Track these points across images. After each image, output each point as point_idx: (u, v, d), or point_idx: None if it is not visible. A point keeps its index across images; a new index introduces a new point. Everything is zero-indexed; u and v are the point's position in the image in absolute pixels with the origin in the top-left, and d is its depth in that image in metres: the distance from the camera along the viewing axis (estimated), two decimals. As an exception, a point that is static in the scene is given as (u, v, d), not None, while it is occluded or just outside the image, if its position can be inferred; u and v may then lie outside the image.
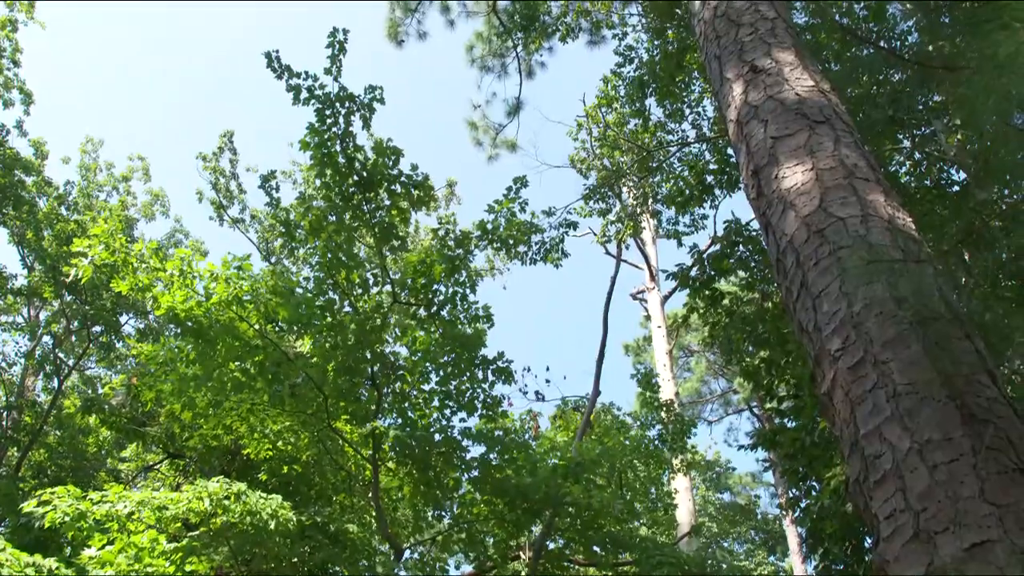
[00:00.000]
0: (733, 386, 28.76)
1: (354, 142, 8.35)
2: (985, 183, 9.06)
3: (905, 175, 11.12)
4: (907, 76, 9.13)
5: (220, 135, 22.63)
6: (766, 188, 4.48)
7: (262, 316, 8.77)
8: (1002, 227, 8.98)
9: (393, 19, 15.06)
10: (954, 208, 9.38)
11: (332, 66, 8.36)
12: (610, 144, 13.35)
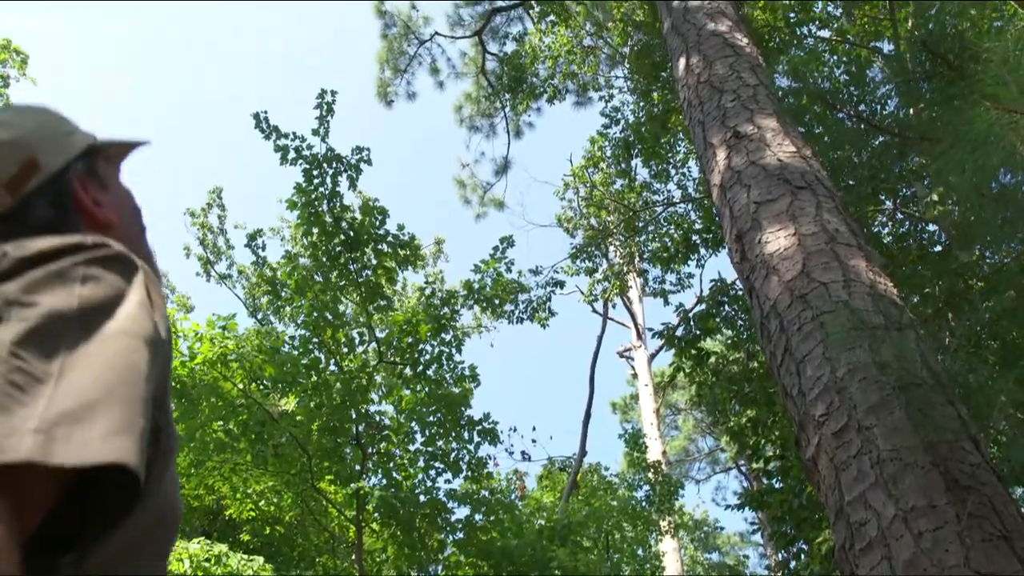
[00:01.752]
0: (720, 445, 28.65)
1: (341, 202, 8.42)
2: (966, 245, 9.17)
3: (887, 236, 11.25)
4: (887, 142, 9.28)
5: (209, 191, 22.72)
6: (749, 252, 4.53)
7: (247, 375, 8.72)
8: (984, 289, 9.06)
9: (383, 79, 15.27)
10: (936, 270, 9.47)
11: (320, 127, 8.46)
12: (596, 204, 13.49)
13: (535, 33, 14.18)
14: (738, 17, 6.74)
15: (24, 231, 1.02)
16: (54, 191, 1.11)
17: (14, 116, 1.15)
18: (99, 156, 1.23)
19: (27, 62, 19.26)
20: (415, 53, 15.21)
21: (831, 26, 12.34)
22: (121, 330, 0.86)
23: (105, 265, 0.92)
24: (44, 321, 0.81)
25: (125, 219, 1.20)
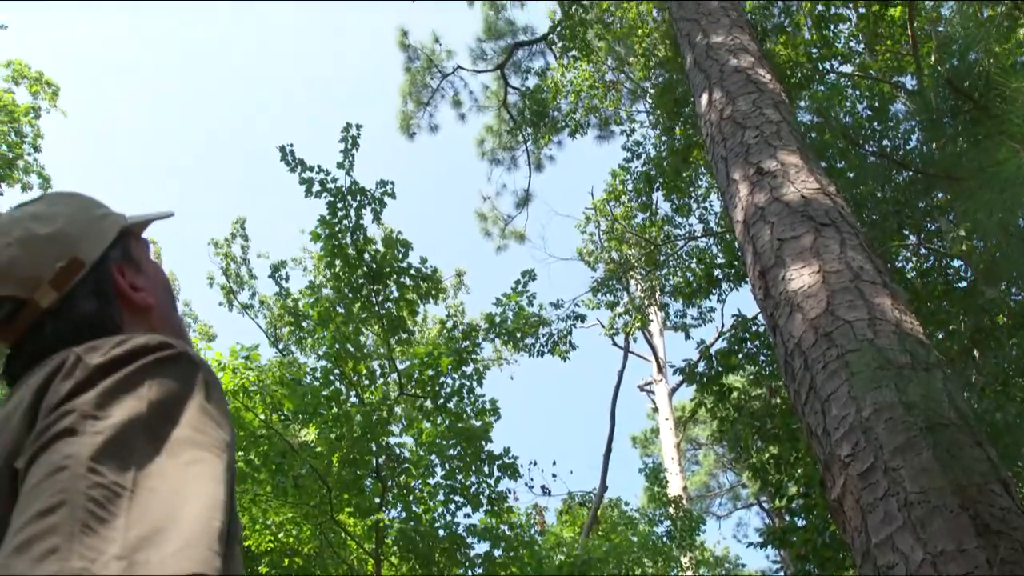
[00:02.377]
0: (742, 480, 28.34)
1: (364, 234, 8.47)
2: (992, 281, 9.08)
3: (912, 271, 11.17)
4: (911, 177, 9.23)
5: (233, 222, 22.94)
6: (773, 289, 4.51)
7: (268, 406, 8.74)
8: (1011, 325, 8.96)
9: (405, 112, 15.42)
10: (962, 306, 9.38)
11: (345, 160, 8.54)
12: (618, 237, 13.50)
13: (557, 68, 14.29)
14: (760, 53, 6.75)
15: (69, 326, 1.09)
16: (95, 282, 1.15)
17: (48, 207, 1.19)
18: (131, 236, 1.27)
19: (58, 94, 19.68)
20: (438, 86, 15.36)
21: (853, 61, 12.36)
22: (187, 439, 0.89)
23: (169, 368, 0.96)
24: (117, 433, 0.85)
25: (160, 299, 1.24)
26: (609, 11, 13.64)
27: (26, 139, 19.17)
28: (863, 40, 12.13)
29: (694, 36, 6.90)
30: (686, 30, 7.15)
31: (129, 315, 1.17)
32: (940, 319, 9.60)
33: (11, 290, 1.10)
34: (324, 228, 8.42)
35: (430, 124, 15.25)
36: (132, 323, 1.17)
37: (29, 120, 19.13)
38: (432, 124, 15.26)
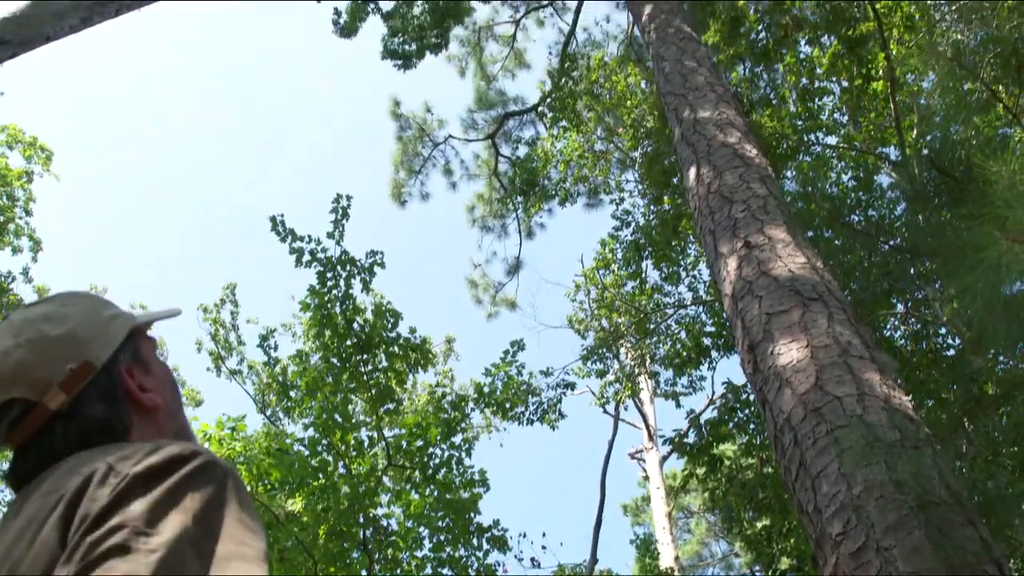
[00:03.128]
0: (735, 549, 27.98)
1: (354, 304, 8.49)
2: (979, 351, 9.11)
3: (900, 339, 11.21)
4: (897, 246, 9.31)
5: (223, 287, 22.90)
6: (762, 364, 4.52)
7: (254, 477, 8.63)
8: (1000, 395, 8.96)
9: (397, 180, 15.55)
10: (951, 375, 9.40)
11: (335, 230, 8.59)
12: (607, 305, 13.54)
13: (547, 138, 14.49)
14: (747, 128, 6.87)
15: (79, 429, 1.10)
16: (105, 384, 1.16)
17: (59, 308, 1.20)
18: (139, 336, 1.29)
19: (51, 158, 19.84)
20: (429, 155, 15.53)
21: (838, 132, 12.58)
22: (233, 554, 0.91)
23: (204, 478, 0.98)
24: (169, 551, 0.87)
25: (167, 399, 1.26)
26: (598, 83, 13.88)
27: (18, 203, 19.26)
28: (847, 112, 12.36)
29: (681, 111, 7.03)
30: (673, 104, 7.28)
31: (137, 416, 1.18)
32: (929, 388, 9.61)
33: (21, 392, 1.10)
34: (314, 298, 8.43)
35: (421, 192, 15.38)
36: (140, 424, 1.18)
37: (22, 184, 19.25)
38: (423, 192, 15.39)
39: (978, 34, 11.27)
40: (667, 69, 7.72)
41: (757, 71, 12.17)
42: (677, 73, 7.49)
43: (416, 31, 12.19)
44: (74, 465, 1.02)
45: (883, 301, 10.06)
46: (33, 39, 9.96)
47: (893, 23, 11.25)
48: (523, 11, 16.12)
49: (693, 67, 7.56)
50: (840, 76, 11.88)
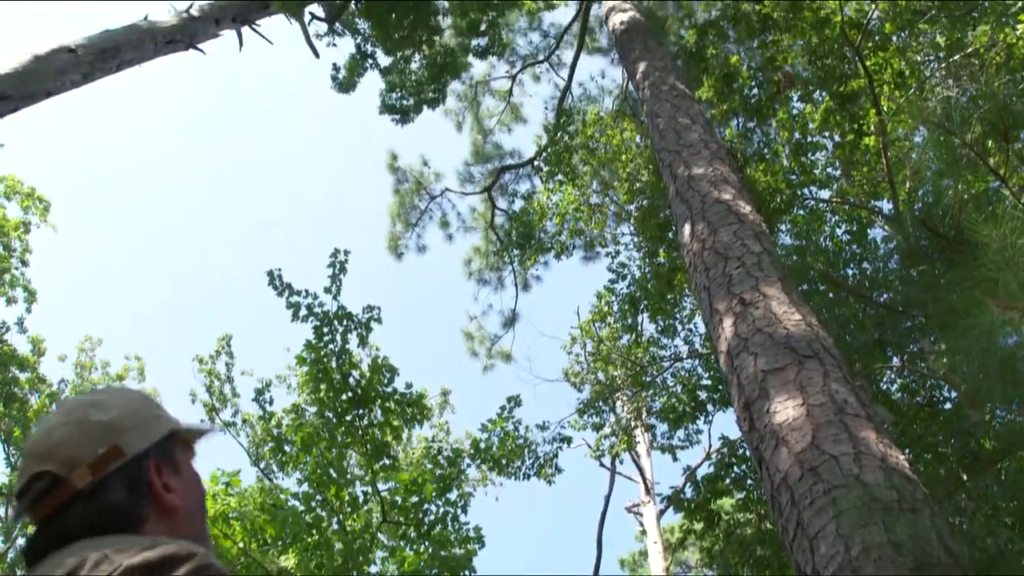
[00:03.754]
0: (734, 604, 27.55)
1: (350, 359, 8.48)
2: (976, 405, 9.10)
3: (897, 392, 11.20)
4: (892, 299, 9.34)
5: (219, 338, 22.84)
6: (758, 422, 4.51)
7: (248, 532, 8.54)
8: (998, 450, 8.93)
9: (394, 233, 15.64)
10: (948, 429, 9.37)
11: (332, 285, 8.63)
12: (603, 358, 13.55)
13: (543, 191, 14.61)
14: (741, 184, 6.94)
15: (97, 511, 1.14)
16: (130, 474, 1.21)
17: (108, 398, 1.27)
18: (178, 440, 1.34)
19: (49, 209, 19.95)
20: (426, 208, 15.64)
21: (831, 187, 12.70)
22: None
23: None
24: None
25: (189, 504, 1.29)
26: (594, 137, 14.04)
27: (14, 253, 19.31)
28: (840, 167, 12.50)
29: (676, 167, 7.11)
30: (668, 161, 7.36)
31: (155, 513, 1.21)
32: (927, 442, 9.58)
33: (52, 466, 1.15)
34: (310, 352, 8.43)
35: (418, 245, 15.46)
36: (157, 520, 1.21)
37: (19, 235, 19.32)
38: (420, 245, 15.47)
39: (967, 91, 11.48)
40: (661, 126, 7.82)
41: (750, 126, 12.33)
42: (671, 130, 7.59)
43: (414, 86, 12.36)
44: (77, 549, 1.05)
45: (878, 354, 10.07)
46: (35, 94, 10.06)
47: (884, 79, 11.44)
48: (519, 66, 16.36)
49: (687, 124, 7.66)
50: (832, 131, 12.05)
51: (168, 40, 11.17)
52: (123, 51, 10.73)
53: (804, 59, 11.92)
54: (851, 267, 11.97)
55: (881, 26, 11.55)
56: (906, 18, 11.45)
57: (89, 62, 10.27)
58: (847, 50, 11.30)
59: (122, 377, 22.52)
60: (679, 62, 11.70)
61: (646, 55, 9.68)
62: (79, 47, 10.19)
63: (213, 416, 22.49)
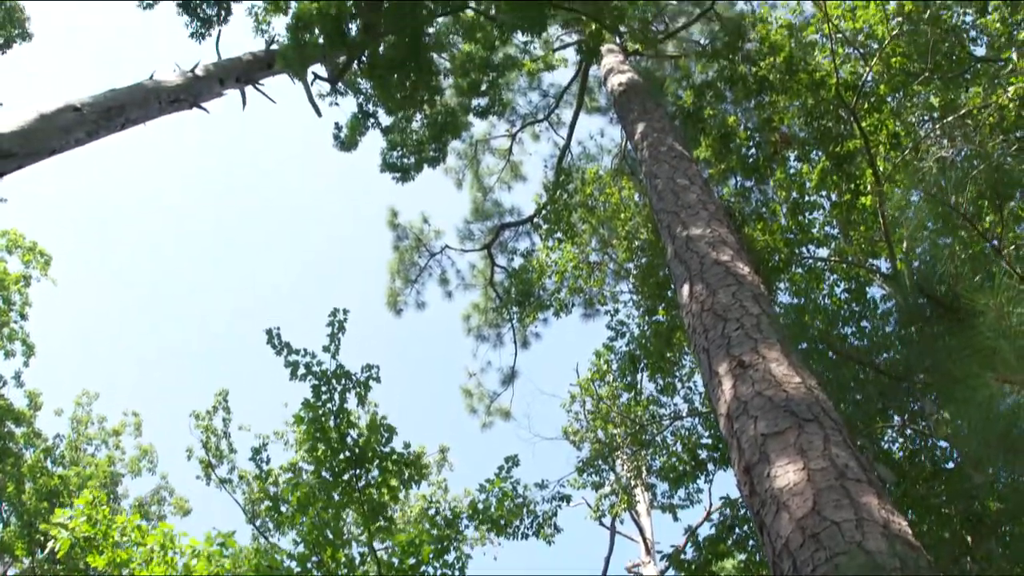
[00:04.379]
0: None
1: (348, 418, 8.44)
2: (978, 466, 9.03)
3: (898, 451, 11.12)
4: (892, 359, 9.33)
5: (216, 394, 22.74)
6: (759, 486, 4.48)
7: (242, 595, 8.40)
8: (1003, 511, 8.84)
9: (393, 289, 15.68)
10: (951, 490, 9.29)
11: (331, 344, 8.61)
12: (603, 417, 13.49)
13: (542, 248, 14.68)
14: (739, 245, 6.98)
15: None
16: None
17: None
18: None
19: (50, 263, 20.02)
20: (426, 265, 15.70)
21: (829, 245, 12.76)
22: None
23: None
24: None
25: None
26: (592, 195, 14.15)
27: (13, 307, 19.33)
28: (837, 226, 12.58)
29: (674, 228, 7.15)
30: (666, 222, 7.42)
31: None
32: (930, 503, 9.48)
33: None
34: (307, 411, 8.39)
35: (417, 301, 15.50)
36: None
37: (19, 288, 19.36)
38: (419, 301, 15.51)
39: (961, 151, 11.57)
40: (660, 187, 7.89)
41: (748, 185, 12.45)
42: (670, 191, 7.66)
43: (415, 145, 12.47)
44: None
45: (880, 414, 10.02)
46: (39, 152, 10.16)
47: (879, 140, 11.58)
48: (519, 125, 16.57)
49: (685, 185, 7.74)
50: (830, 191, 12.16)
51: (173, 99, 11.31)
52: (128, 110, 10.86)
53: (800, 120, 12.09)
54: (850, 325, 12.00)
55: (876, 88, 11.73)
56: (900, 80, 11.63)
57: (94, 120, 10.39)
58: (843, 111, 11.46)
59: (118, 432, 22.40)
60: (677, 122, 11.86)
61: (644, 116, 9.82)
62: (85, 106, 10.32)
63: (209, 472, 22.30)
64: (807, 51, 12.00)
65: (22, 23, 16.36)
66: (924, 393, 10.07)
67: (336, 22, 10.37)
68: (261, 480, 9.49)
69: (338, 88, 12.63)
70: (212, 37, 11.92)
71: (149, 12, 11.95)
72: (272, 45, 12.45)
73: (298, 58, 10.56)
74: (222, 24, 11.98)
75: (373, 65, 11.36)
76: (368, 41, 11.10)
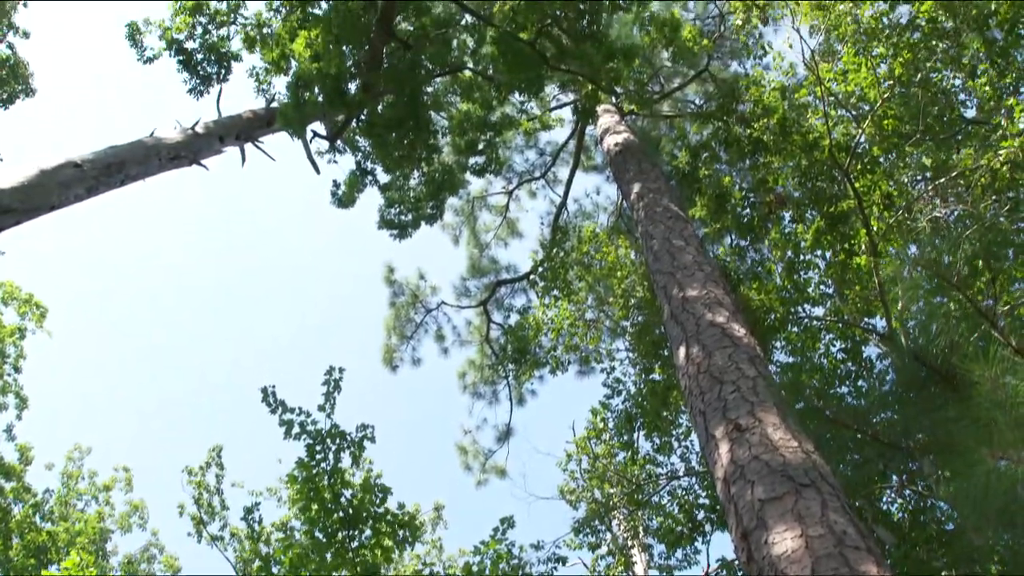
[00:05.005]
0: None
1: (342, 478, 8.37)
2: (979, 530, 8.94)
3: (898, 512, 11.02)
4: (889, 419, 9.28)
5: (209, 449, 22.53)
6: (756, 553, 4.43)
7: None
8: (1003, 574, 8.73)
9: (389, 345, 15.66)
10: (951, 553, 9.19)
11: (326, 403, 8.59)
12: (599, 476, 13.38)
13: (538, 306, 14.70)
14: (735, 306, 7.00)
15: None
16: None
17: None
18: None
19: (46, 315, 19.97)
20: (422, 321, 15.70)
21: (824, 304, 12.79)
22: None
23: None
24: None
25: None
26: (589, 253, 14.22)
27: (8, 359, 19.24)
28: (832, 285, 12.61)
29: (670, 289, 7.18)
30: (662, 283, 7.44)
31: None
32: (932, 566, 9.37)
33: None
34: (301, 471, 8.33)
35: (413, 358, 15.46)
36: None
37: (14, 340, 19.29)
38: (415, 357, 15.47)
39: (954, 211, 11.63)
40: (656, 247, 7.94)
41: (743, 245, 12.52)
42: (665, 252, 7.70)
43: (412, 202, 12.56)
44: None
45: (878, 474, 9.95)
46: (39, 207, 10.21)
47: (873, 200, 11.67)
48: (516, 183, 16.72)
49: (681, 246, 7.78)
50: (824, 250, 12.22)
51: (173, 156, 11.41)
52: (128, 166, 10.94)
53: (795, 180, 12.20)
54: (847, 385, 11.97)
55: (868, 149, 11.86)
56: (892, 141, 11.76)
57: (94, 176, 10.46)
58: (836, 172, 11.57)
59: (109, 487, 22.14)
60: (672, 182, 11.97)
61: (640, 176, 9.91)
62: (85, 162, 10.40)
63: (200, 530, 22.00)
64: (800, 113, 12.15)
65: (26, 79, 16.58)
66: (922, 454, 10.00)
67: (336, 82, 10.49)
68: (253, 540, 9.37)
69: (337, 146, 12.75)
70: (212, 94, 12.07)
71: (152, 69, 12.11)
72: (272, 103, 12.60)
73: (297, 117, 10.67)
74: (222, 82, 12.14)
75: (372, 123, 11.48)
76: (367, 100, 11.22)
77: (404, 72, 10.97)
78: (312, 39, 10.35)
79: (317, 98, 10.68)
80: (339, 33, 10.54)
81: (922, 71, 11.09)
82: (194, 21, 11.72)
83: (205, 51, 11.84)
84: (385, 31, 10.88)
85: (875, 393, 10.21)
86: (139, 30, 11.60)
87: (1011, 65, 10.66)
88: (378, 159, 12.19)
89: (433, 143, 12.10)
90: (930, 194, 11.28)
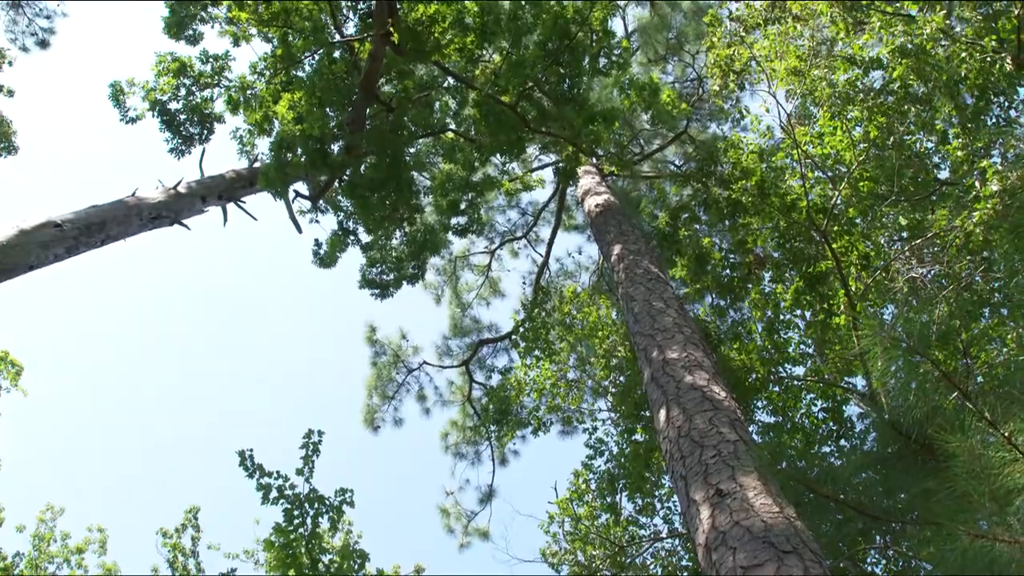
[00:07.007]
0: None
1: (320, 543, 8.23)
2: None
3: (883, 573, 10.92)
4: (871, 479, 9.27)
5: (186, 511, 22.16)
6: (739, 624, 4.38)
7: None
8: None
9: (370, 406, 15.54)
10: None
11: (304, 467, 8.49)
12: (582, 538, 13.22)
13: (520, 366, 14.67)
14: (715, 369, 7.01)
15: None
16: None
17: None
18: None
19: (21, 373, 19.72)
20: (403, 381, 15.62)
21: (805, 364, 12.83)
22: None
23: None
24: None
25: None
26: (570, 313, 14.24)
27: (-20, 425, 18.95)
28: (813, 345, 12.67)
29: (651, 351, 7.19)
30: (643, 345, 7.45)
31: None
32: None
33: None
34: (279, 536, 8.19)
35: (395, 418, 15.36)
36: None
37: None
38: (397, 418, 15.37)
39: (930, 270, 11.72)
40: (636, 309, 7.97)
41: (723, 305, 12.58)
42: (646, 314, 7.72)
43: (394, 262, 12.57)
44: None
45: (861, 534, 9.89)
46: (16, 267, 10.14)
47: (850, 261, 11.78)
48: (498, 242, 16.81)
49: (661, 308, 7.81)
50: (804, 310, 12.29)
51: (154, 216, 11.42)
52: (109, 226, 10.93)
53: (773, 241, 12.32)
54: (828, 444, 11.95)
55: (845, 210, 12.01)
56: (868, 202, 11.92)
57: (74, 236, 10.44)
58: (814, 232, 11.69)
59: (82, 549, 21.66)
60: (653, 243, 12.07)
61: (621, 237, 9.99)
62: (65, 222, 10.38)
63: (175, 594, 21.52)
64: (778, 175, 12.32)
65: (8, 136, 16.60)
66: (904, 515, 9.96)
67: (318, 143, 10.58)
68: (229, 607, 9.17)
69: (319, 206, 12.80)
70: (195, 154, 12.13)
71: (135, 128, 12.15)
72: (255, 163, 12.66)
73: (280, 178, 10.72)
74: (205, 142, 12.21)
75: (354, 184, 11.54)
76: (350, 161, 11.30)
77: (387, 133, 11.08)
78: (295, 101, 10.45)
79: (300, 159, 10.74)
80: (322, 96, 10.65)
81: (896, 134, 11.28)
82: (178, 83, 11.82)
83: (188, 112, 11.92)
84: (368, 93, 11.00)
85: (856, 454, 10.22)
86: (123, 90, 11.69)
87: (982, 129, 10.86)
88: (360, 219, 12.23)
89: (415, 203, 12.17)
90: (906, 254, 11.40)
